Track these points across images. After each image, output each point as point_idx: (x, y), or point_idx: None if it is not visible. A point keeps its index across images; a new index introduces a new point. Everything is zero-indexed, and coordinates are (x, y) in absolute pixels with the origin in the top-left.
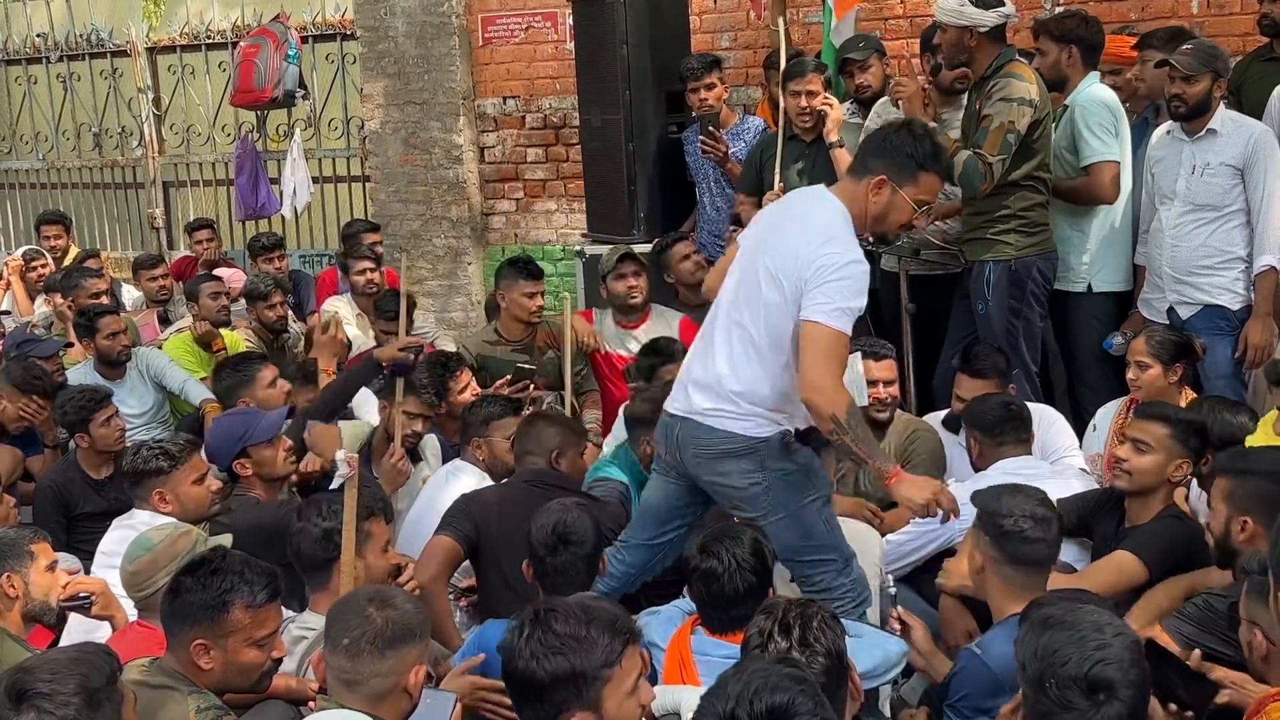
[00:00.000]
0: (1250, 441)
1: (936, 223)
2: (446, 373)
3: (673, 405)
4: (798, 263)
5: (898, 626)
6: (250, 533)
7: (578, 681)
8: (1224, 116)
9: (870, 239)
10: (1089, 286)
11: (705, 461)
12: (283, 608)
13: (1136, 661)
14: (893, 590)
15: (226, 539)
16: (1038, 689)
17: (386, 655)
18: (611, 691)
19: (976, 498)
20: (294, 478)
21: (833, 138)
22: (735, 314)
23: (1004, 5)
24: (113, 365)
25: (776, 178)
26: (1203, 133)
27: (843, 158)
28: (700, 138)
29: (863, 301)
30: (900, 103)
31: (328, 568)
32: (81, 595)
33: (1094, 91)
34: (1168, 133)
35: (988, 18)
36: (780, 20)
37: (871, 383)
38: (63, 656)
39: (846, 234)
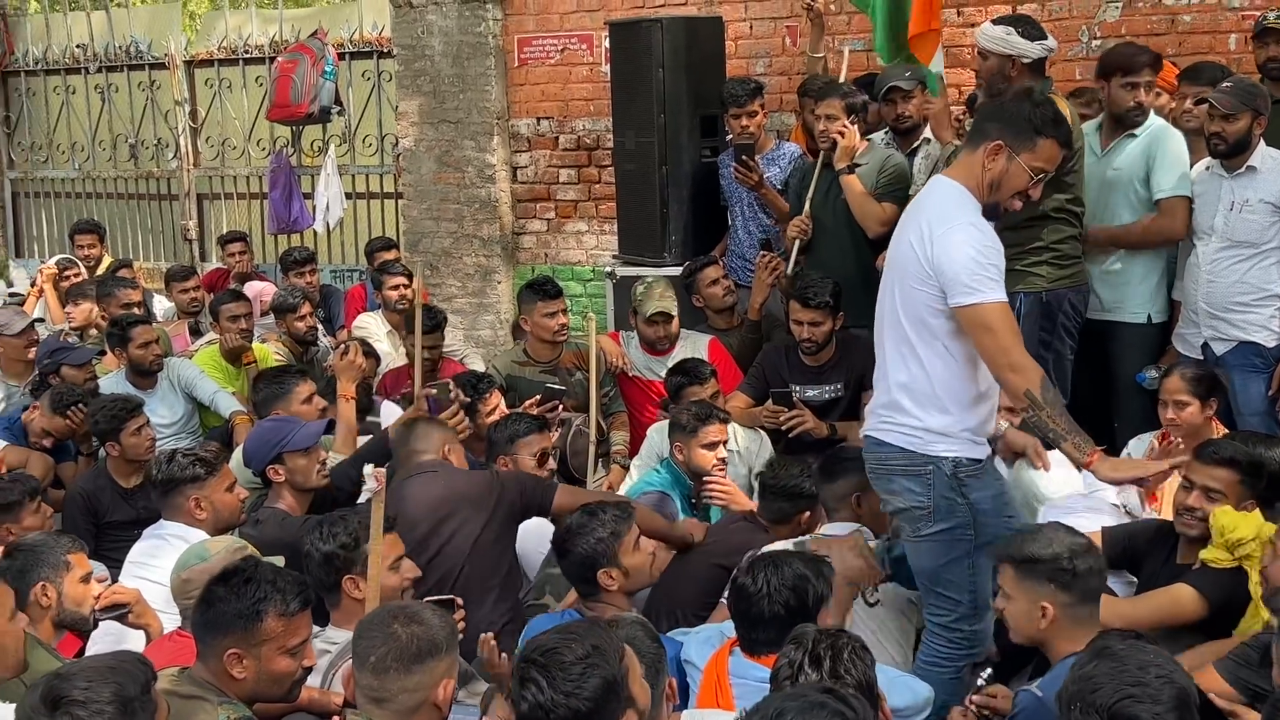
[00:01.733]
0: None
1: None
2: (476, 394)
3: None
4: (921, 252)
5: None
6: (275, 548)
7: (614, 688)
8: (1264, 153)
9: None
10: (1149, 317)
11: (879, 479)
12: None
13: (1176, 709)
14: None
15: (279, 561)
16: (1065, 711)
17: (413, 671)
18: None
19: (1003, 550)
20: None
21: (840, 164)
22: (888, 329)
23: (1047, 39)
24: (144, 375)
25: (806, 203)
26: (1242, 169)
27: (852, 185)
28: (733, 165)
29: (1000, 259)
30: (929, 120)
31: (337, 588)
32: (119, 605)
33: (1164, 123)
34: (1206, 168)
35: (1032, 49)
36: (845, 49)
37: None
38: (99, 664)
39: (957, 206)
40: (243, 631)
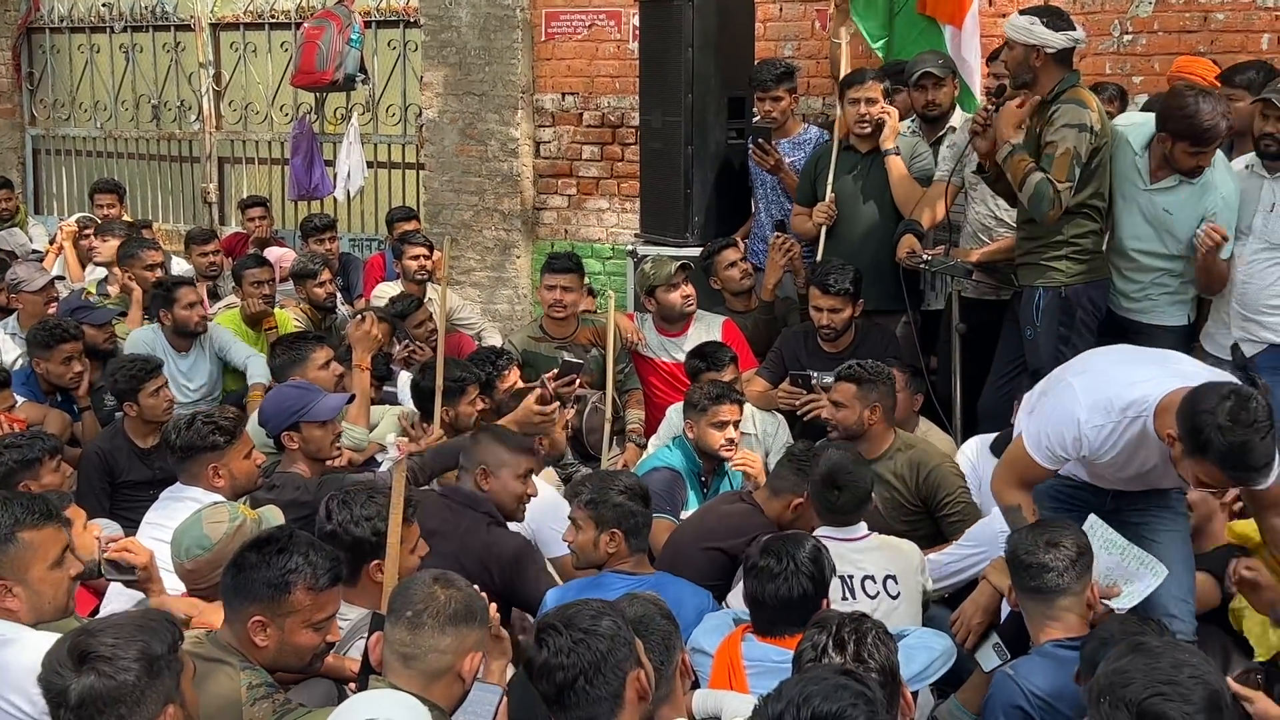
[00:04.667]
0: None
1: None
2: (494, 370)
3: None
4: None
5: None
6: (290, 508)
7: (626, 637)
8: None
9: (924, 259)
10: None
11: None
12: None
13: (1207, 710)
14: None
15: (275, 513)
16: (1095, 704)
17: (447, 632)
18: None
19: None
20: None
21: (888, 145)
22: None
23: (1074, 30)
24: (185, 336)
25: (828, 189)
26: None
27: (896, 165)
28: (751, 148)
29: (1049, 441)
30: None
31: (359, 571)
32: (126, 565)
33: (1220, 169)
34: (1246, 167)
35: (1056, 39)
36: (842, 31)
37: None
38: (127, 622)
39: (1091, 404)
40: (269, 600)
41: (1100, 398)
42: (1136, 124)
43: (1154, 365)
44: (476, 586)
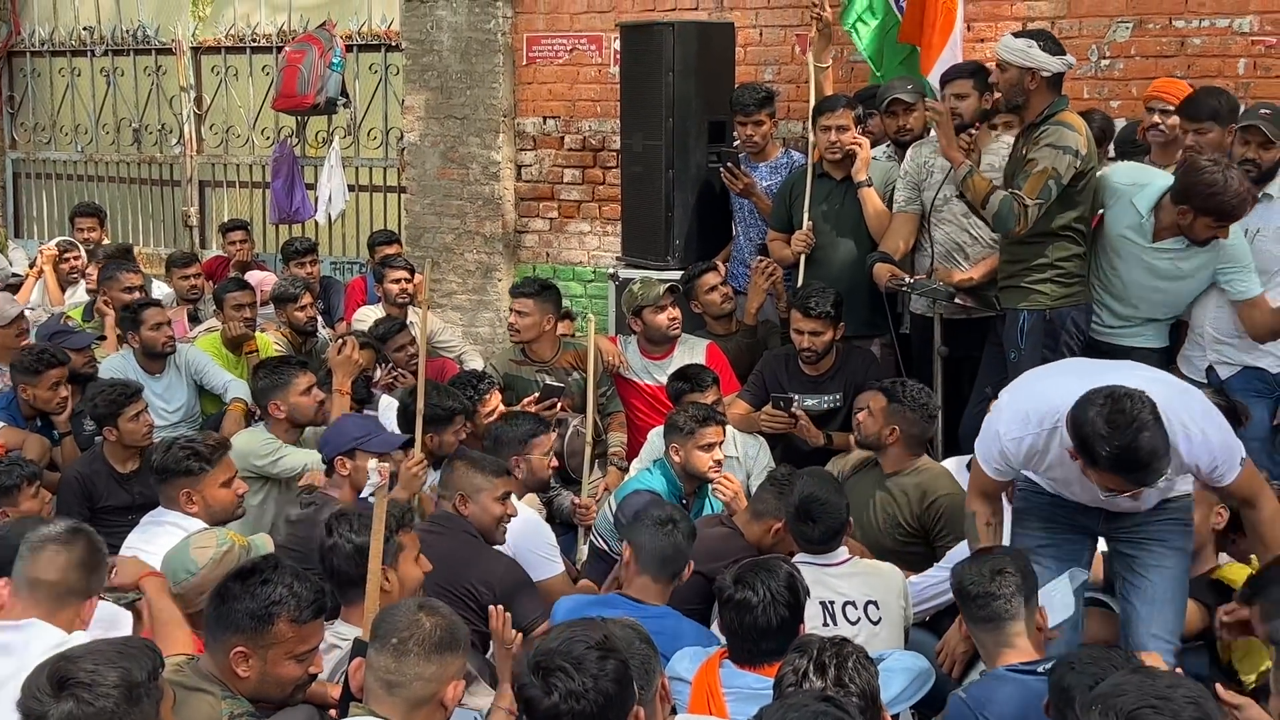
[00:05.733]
0: None
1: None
2: (476, 393)
3: None
4: None
5: None
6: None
7: (630, 675)
8: None
9: (908, 282)
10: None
11: None
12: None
13: None
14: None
15: (266, 541)
16: (1085, 711)
17: (431, 659)
18: None
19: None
20: None
21: (860, 177)
22: None
23: (1066, 55)
24: (155, 358)
25: (805, 216)
26: (1260, 196)
27: (870, 197)
28: (722, 172)
29: (990, 458)
30: (933, 126)
31: (361, 583)
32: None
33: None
34: None
35: (1052, 63)
36: (809, 59)
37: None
38: (107, 648)
39: (1009, 417)
40: (252, 632)
41: (1019, 410)
42: (1141, 184)
43: (1082, 376)
44: (477, 601)
